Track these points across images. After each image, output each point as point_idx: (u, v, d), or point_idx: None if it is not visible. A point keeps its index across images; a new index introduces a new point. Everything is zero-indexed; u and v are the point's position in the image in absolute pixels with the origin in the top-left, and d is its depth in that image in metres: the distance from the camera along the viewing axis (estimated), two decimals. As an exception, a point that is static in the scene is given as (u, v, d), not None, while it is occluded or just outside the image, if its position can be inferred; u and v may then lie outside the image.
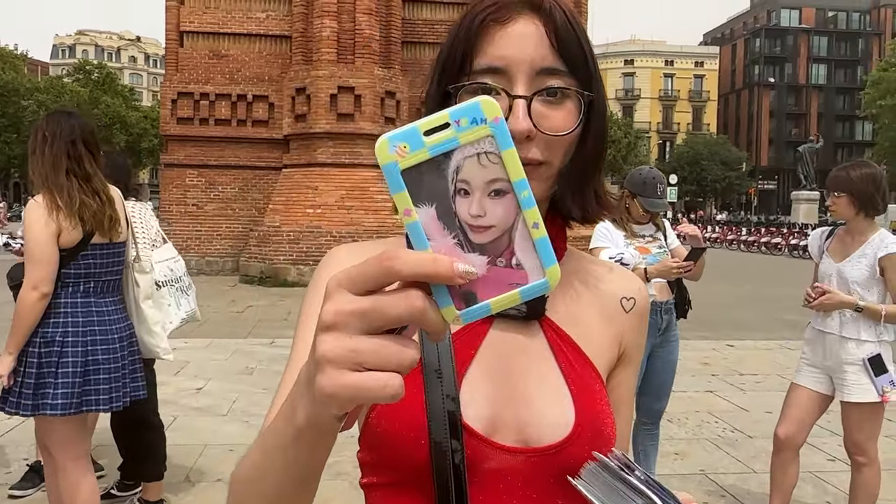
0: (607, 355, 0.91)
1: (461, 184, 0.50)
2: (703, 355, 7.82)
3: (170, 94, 15.73)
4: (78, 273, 2.82)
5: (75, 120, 2.88)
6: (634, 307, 0.95)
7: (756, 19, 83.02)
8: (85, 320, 2.83)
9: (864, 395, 3.29)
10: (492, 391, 0.82)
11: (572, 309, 0.89)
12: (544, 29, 0.77)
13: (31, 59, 70.52)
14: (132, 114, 50.79)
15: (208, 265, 15.44)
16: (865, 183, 3.21)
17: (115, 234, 2.94)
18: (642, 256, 3.70)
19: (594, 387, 0.85)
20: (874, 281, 3.24)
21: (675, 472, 4.51)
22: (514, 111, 0.75)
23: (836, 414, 5.83)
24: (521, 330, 0.85)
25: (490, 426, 0.80)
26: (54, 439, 2.89)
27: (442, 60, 0.82)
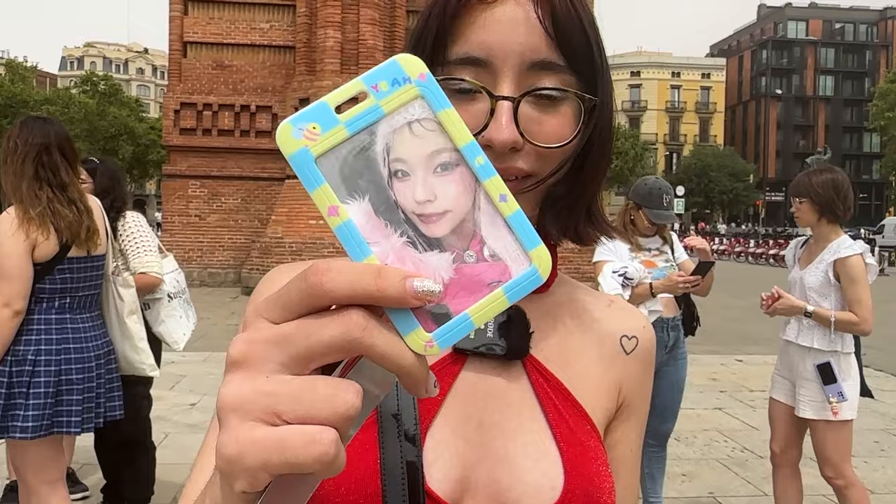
0: (604, 405, 0.74)
1: (396, 163, 0.38)
2: (711, 370, 7.64)
3: (173, 104, 15.70)
4: (53, 288, 2.68)
5: (50, 126, 2.73)
6: (637, 348, 0.78)
7: (763, 31, 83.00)
8: (59, 338, 2.67)
9: (819, 411, 3.19)
10: (462, 447, 0.66)
11: (562, 348, 0.74)
12: (539, 12, 0.62)
13: (39, 70, 70.99)
14: (140, 125, 50.97)
15: (210, 277, 15.33)
16: (826, 188, 3.18)
17: (93, 247, 2.79)
18: (648, 270, 3.54)
19: (588, 442, 0.69)
20: (830, 287, 3.17)
21: (683, 494, 4.33)
22: (497, 116, 0.60)
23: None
24: (499, 372, 0.69)
25: (459, 491, 0.65)
26: (27, 463, 2.74)
27: (411, 45, 0.66)
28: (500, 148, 0.60)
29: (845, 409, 3.18)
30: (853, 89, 79.08)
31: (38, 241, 2.58)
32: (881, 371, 8.27)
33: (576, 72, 0.63)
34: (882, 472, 4.84)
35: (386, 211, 0.38)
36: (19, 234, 2.55)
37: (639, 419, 0.79)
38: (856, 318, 3.11)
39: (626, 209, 3.71)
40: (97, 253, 2.82)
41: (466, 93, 0.62)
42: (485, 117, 0.60)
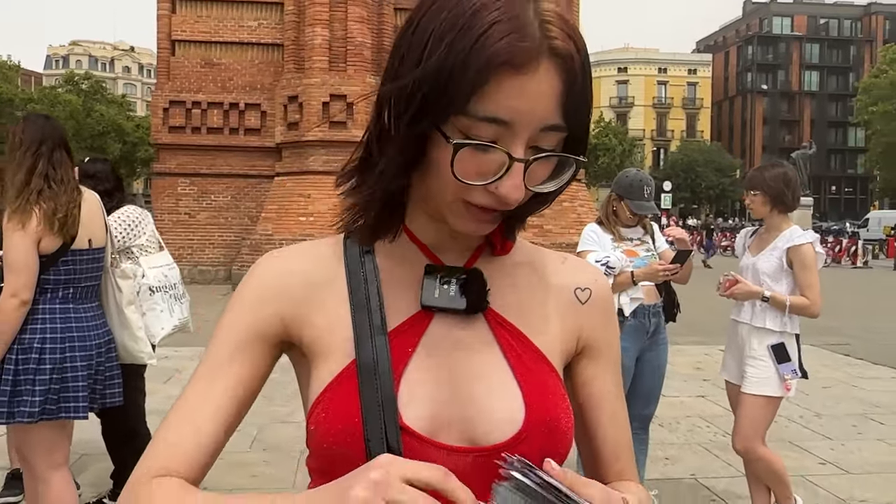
0: (563, 348, 0.85)
1: None
2: (695, 360, 7.80)
3: (161, 102, 15.72)
4: (57, 279, 2.78)
5: (52, 124, 2.84)
6: (591, 298, 0.89)
7: (748, 27, 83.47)
8: (63, 326, 2.78)
9: (761, 387, 3.40)
10: (433, 389, 0.77)
11: (521, 301, 0.84)
12: (561, 87, 0.69)
13: (24, 69, 70.44)
14: (128, 123, 50.73)
15: (201, 274, 15.37)
16: (777, 181, 3.43)
17: (94, 239, 2.90)
18: (629, 260, 3.68)
19: (546, 380, 0.80)
20: (783, 273, 3.41)
21: (667, 476, 4.47)
22: (513, 175, 0.69)
23: (828, 418, 5.85)
24: (463, 325, 0.80)
25: (432, 426, 0.75)
26: (33, 447, 2.84)
27: (429, 85, 0.69)
28: (511, 203, 0.71)
29: (793, 387, 3.40)
30: (838, 84, 79.67)
31: (44, 234, 2.69)
32: (861, 359, 8.47)
33: (569, 132, 0.73)
34: (858, 453, 5.00)
35: None
36: (28, 228, 2.65)
37: (609, 359, 0.90)
38: (807, 301, 3.35)
39: (608, 201, 3.85)
40: (97, 246, 2.93)
41: (485, 147, 0.69)
42: (500, 169, 0.69)
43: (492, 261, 0.84)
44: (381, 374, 0.74)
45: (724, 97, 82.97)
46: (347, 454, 0.73)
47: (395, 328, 0.78)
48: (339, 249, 0.85)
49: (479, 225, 0.75)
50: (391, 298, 0.80)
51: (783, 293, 3.39)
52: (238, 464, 4.52)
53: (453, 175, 0.69)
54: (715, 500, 4.14)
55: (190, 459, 0.76)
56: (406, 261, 0.82)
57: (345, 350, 0.77)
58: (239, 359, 0.80)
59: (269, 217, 14.51)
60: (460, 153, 0.69)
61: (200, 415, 0.78)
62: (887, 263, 27.36)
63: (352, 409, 0.73)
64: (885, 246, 31.47)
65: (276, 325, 0.81)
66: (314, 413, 0.76)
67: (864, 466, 4.74)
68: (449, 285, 0.80)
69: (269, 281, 0.83)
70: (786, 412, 5.99)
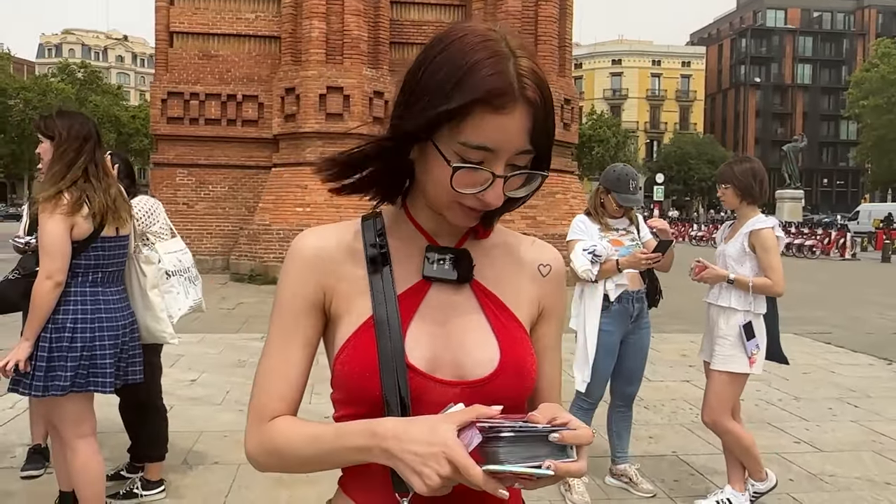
0: (528, 310, 1.11)
1: None
2: (681, 347, 8.07)
3: (160, 93, 15.87)
4: (88, 264, 3.03)
5: (88, 120, 3.11)
6: (551, 272, 1.15)
7: (742, 19, 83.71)
8: (93, 307, 3.03)
9: (727, 364, 3.70)
10: (432, 337, 1.02)
11: (497, 273, 1.11)
12: (530, 124, 0.94)
13: (16, 58, 70.10)
14: (123, 113, 50.66)
15: (199, 264, 15.39)
16: (746, 175, 3.73)
17: (121, 228, 3.15)
18: (615, 249, 3.93)
19: (516, 334, 1.07)
20: (745, 256, 3.72)
21: (649, 453, 4.74)
22: (495, 187, 0.96)
23: (806, 401, 6.13)
24: (454, 292, 1.07)
25: (431, 365, 1.00)
26: (64, 418, 3.08)
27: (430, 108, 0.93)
28: (492, 206, 0.98)
29: (757, 364, 3.70)
30: (830, 77, 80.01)
31: (77, 222, 2.93)
32: (841, 347, 8.76)
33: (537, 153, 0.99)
34: (832, 434, 5.29)
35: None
36: (63, 215, 2.89)
37: (557, 319, 1.18)
38: (770, 281, 3.64)
39: (596, 193, 4.10)
40: (123, 233, 3.18)
41: (476, 168, 0.94)
42: (485, 182, 0.96)
43: (475, 243, 1.11)
44: (392, 328, 1.00)
45: (718, 90, 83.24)
46: (366, 387, 0.98)
47: (402, 293, 1.04)
48: (358, 231, 1.10)
49: (468, 220, 1.02)
50: (399, 270, 1.06)
51: (747, 275, 3.68)
52: (245, 441, 4.77)
53: (452, 188, 0.96)
54: (694, 475, 4.41)
55: (289, 402, 1.05)
56: (410, 242, 1.08)
57: (362, 308, 1.03)
58: (302, 324, 1.06)
59: (266, 207, 14.70)
60: (458, 172, 0.94)
61: (287, 370, 1.05)
62: (875, 255, 27.71)
63: (370, 354, 0.99)
64: (874, 238, 31.84)
65: (319, 294, 1.06)
66: (339, 357, 1.02)
67: (837, 445, 5.03)
68: (444, 261, 1.07)
69: (308, 258, 1.08)
70: (765, 395, 6.29)
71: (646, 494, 4.04)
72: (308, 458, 0.98)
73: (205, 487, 4.01)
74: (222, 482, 4.09)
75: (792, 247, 25.98)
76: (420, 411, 0.95)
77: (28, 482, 4.01)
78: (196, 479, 4.13)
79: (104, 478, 3.22)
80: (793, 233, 27.16)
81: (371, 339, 0.99)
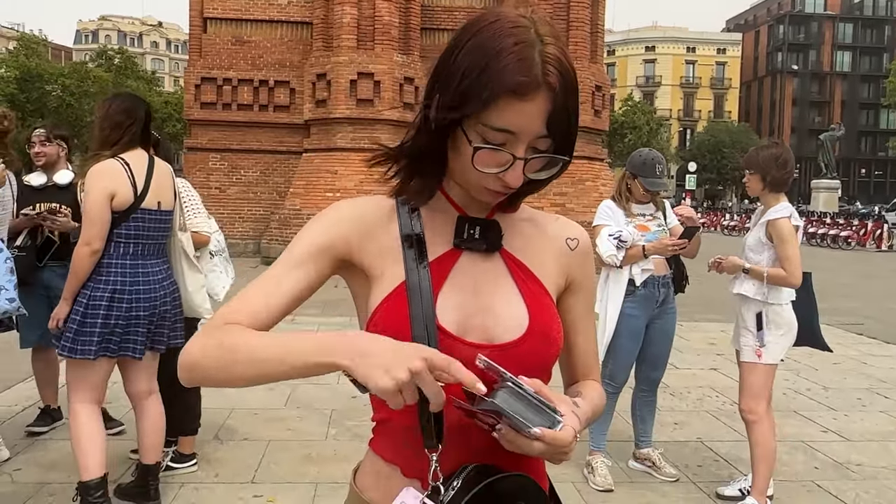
0: (555, 280, 1.15)
1: None
2: (710, 336, 8.03)
3: (193, 79, 16.08)
4: (129, 234, 3.17)
5: (139, 102, 3.30)
6: (578, 246, 1.20)
7: (780, 5, 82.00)
8: (132, 279, 3.17)
9: (748, 355, 3.70)
10: (462, 302, 1.06)
11: (526, 245, 1.15)
12: (550, 108, 0.97)
13: (54, 44, 71.32)
14: (156, 99, 51.35)
15: (230, 247, 15.52)
16: (769, 162, 3.66)
17: (163, 202, 3.26)
18: (641, 234, 3.94)
19: (543, 300, 1.11)
20: (763, 245, 3.68)
21: (674, 439, 4.76)
22: (515, 169, 1.00)
23: (834, 391, 6.07)
24: (484, 259, 1.11)
25: (461, 328, 1.05)
26: (77, 381, 3.20)
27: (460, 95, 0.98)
28: (513, 187, 1.03)
29: (766, 355, 3.66)
30: (871, 65, 78.10)
31: (119, 192, 3.06)
32: (874, 338, 8.65)
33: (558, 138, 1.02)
34: (860, 423, 5.25)
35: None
36: (106, 184, 3.04)
37: (585, 291, 1.21)
38: (784, 272, 3.59)
39: (622, 178, 4.10)
40: (165, 209, 3.30)
41: (497, 149, 0.98)
42: (506, 164, 1.00)
43: (504, 216, 1.15)
44: (423, 292, 1.04)
45: (754, 77, 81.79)
46: None
47: (433, 260, 1.08)
48: (394, 204, 1.15)
49: (492, 198, 1.07)
50: (431, 239, 1.10)
51: (763, 264, 3.65)
52: (275, 419, 4.89)
53: (473, 167, 1.00)
54: (718, 461, 4.41)
55: (256, 318, 1.02)
56: (443, 213, 1.13)
57: (395, 274, 1.07)
58: (308, 263, 1.08)
59: (297, 192, 14.85)
60: (479, 152, 0.99)
61: (271, 292, 1.04)
62: (913, 247, 27.12)
63: (402, 317, 1.03)
64: (912, 230, 31.11)
65: (343, 245, 1.10)
66: (373, 319, 1.06)
67: (865, 435, 4.99)
68: (474, 231, 1.11)
69: (344, 212, 1.13)
70: (794, 385, 6.24)
71: (669, 479, 4.06)
72: (260, 356, 0.93)
73: (234, 462, 4.12)
74: (251, 458, 4.20)
75: (827, 237, 25.55)
76: None
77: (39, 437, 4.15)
78: (227, 454, 4.25)
79: (100, 447, 3.21)
80: (828, 223, 26.69)
81: (403, 303, 1.03)
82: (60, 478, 3.81)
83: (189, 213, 3.79)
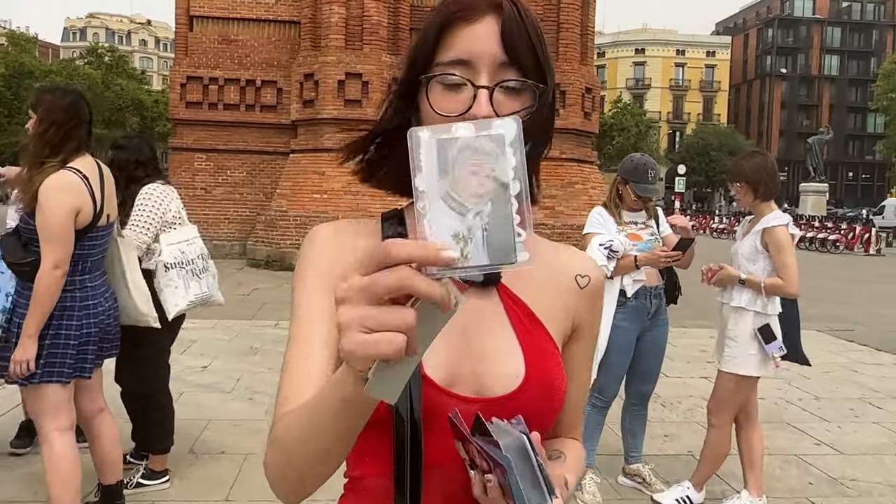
0: (560, 323, 0.99)
1: None
2: (700, 343, 7.92)
3: (179, 78, 15.87)
4: (80, 254, 2.92)
5: (79, 99, 2.97)
6: (589, 285, 1.03)
7: (769, 9, 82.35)
8: (81, 295, 2.95)
9: (734, 366, 3.62)
10: (451, 347, 0.90)
11: (529, 281, 0.98)
12: (500, 30, 0.87)
13: (42, 41, 70.64)
14: (147, 97, 50.90)
15: (216, 249, 15.57)
16: (758, 172, 3.58)
17: (112, 215, 3.08)
18: (633, 243, 3.81)
19: (545, 346, 0.95)
20: (758, 254, 3.59)
21: (664, 452, 4.63)
22: (478, 99, 0.85)
23: (827, 401, 5.97)
24: (479, 295, 0.95)
25: (449, 378, 0.90)
26: (44, 409, 2.94)
27: (413, 52, 0.92)
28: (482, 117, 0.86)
29: (744, 366, 3.60)
30: (859, 69, 78.61)
31: (81, 208, 2.85)
32: (865, 345, 8.57)
33: (527, 69, 0.89)
34: (853, 435, 5.14)
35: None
36: (68, 201, 2.80)
37: (590, 337, 1.06)
38: (781, 282, 3.50)
39: (614, 184, 3.97)
40: (112, 220, 3.11)
41: (456, 86, 0.88)
42: (469, 101, 0.86)
43: None
44: None
45: (743, 80, 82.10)
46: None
47: None
48: (378, 229, 1.00)
49: None
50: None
51: (759, 274, 3.56)
52: (255, 430, 4.72)
53: (432, 109, 0.87)
54: (710, 476, 4.28)
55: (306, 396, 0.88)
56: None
57: None
58: (321, 327, 0.92)
59: (283, 193, 14.67)
60: (435, 93, 0.88)
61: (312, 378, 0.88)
62: (901, 251, 27.22)
63: None
64: (900, 234, 31.26)
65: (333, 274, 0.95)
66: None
67: (859, 448, 4.88)
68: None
69: (324, 240, 0.98)
70: (785, 395, 6.14)
71: (660, 496, 3.93)
72: (303, 432, 0.78)
73: (210, 479, 3.96)
74: (228, 473, 4.03)
75: (815, 241, 25.58)
76: (434, 429, 0.86)
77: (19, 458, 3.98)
78: (201, 470, 4.08)
79: (78, 477, 3.02)
80: (816, 227, 26.72)
81: None
82: (27, 496, 3.64)
83: (130, 223, 3.56)
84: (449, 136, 0.61)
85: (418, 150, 0.61)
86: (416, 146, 0.61)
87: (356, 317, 0.59)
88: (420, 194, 0.60)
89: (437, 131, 0.61)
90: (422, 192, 0.60)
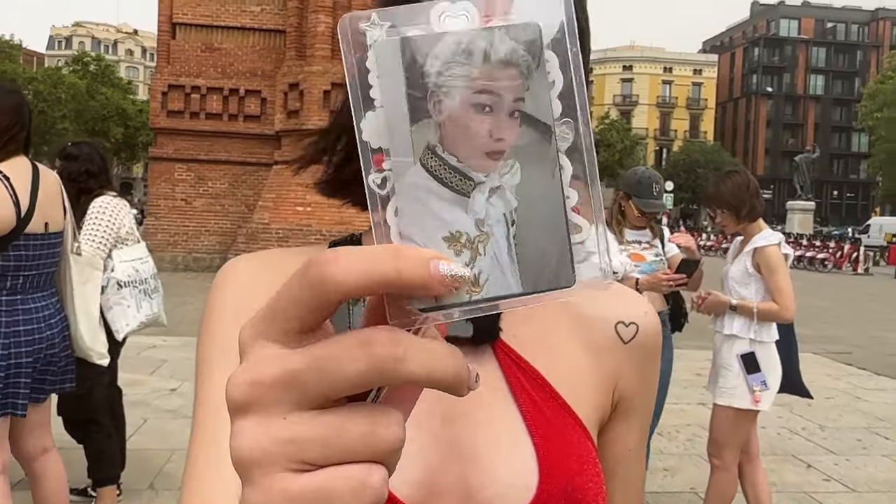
0: (595, 399, 0.66)
1: None
2: (696, 366, 7.60)
3: (160, 86, 15.55)
4: (6, 265, 2.55)
5: (25, 101, 2.67)
6: (637, 336, 0.69)
7: (756, 28, 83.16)
8: (9, 320, 2.57)
9: (731, 399, 3.29)
10: (426, 445, 0.59)
11: (542, 333, 0.66)
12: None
13: (26, 49, 70.10)
14: (131, 107, 50.51)
15: (195, 262, 15.20)
16: (738, 194, 3.30)
17: (52, 223, 2.70)
18: (636, 264, 3.50)
19: (569, 437, 0.62)
20: (750, 277, 3.30)
21: (665, 489, 4.31)
22: None
23: (832, 430, 5.68)
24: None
25: (423, 493, 0.58)
26: None
27: None
28: None
29: (764, 397, 3.27)
30: (843, 89, 79.42)
31: None
32: (864, 370, 8.30)
33: None
34: (863, 469, 4.84)
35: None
36: None
37: (640, 417, 0.71)
38: (776, 306, 3.21)
39: (616, 200, 3.67)
40: (54, 230, 2.73)
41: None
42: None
43: None
44: None
45: (729, 98, 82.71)
46: None
47: None
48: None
49: None
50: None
51: (751, 298, 3.27)
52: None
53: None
54: (715, 517, 3.96)
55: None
56: None
57: None
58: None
59: (266, 206, 14.33)
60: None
61: (225, 490, 0.57)
62: (888, 270, 27.20)
63: None
64: (885, 253, 31.33)
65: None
66: None
67: (871, 484, 4.58)
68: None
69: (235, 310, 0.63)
70: (788, 423, 5.84)
71: (663, 541, 3.60)
72: None
73: (168, 519, 3.59)
74: (189, 513, 3.66)
75: (804, 259, 25.52)
76: None
77: None
78: (160, 508, 3.71)
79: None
80: (804, 245, 26.67)
81: None
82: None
83: (83, 236, 3.20)
84: (424, 33, 0.30)
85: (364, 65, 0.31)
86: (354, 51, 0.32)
87: (280, 443, 0.29)
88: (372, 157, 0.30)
89: (400, 21, 0.31)
90: (377, 149, 0.30)
